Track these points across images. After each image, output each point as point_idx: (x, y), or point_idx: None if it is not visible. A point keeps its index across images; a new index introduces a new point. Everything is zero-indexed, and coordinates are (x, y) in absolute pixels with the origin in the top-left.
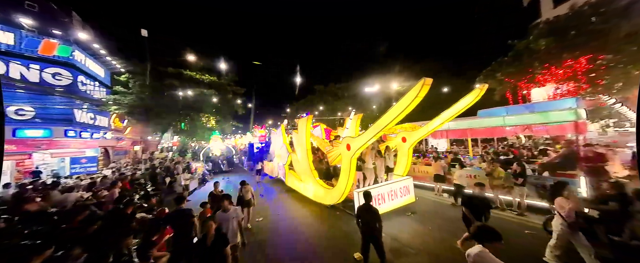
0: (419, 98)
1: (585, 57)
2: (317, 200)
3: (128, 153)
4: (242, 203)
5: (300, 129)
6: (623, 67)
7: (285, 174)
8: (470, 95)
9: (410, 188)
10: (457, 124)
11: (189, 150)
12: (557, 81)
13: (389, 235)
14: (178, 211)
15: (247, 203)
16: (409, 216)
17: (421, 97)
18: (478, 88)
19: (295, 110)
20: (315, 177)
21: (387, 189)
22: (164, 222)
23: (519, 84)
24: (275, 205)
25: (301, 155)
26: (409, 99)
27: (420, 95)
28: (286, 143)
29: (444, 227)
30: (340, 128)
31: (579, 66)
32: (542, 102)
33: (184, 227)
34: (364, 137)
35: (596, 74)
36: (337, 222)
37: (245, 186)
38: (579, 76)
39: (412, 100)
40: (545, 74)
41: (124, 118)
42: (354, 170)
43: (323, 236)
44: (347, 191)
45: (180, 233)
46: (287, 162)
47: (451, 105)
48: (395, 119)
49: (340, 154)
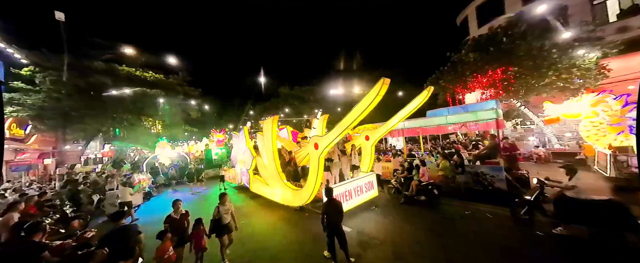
0: (379, 96)
1: (500, 68)
2: (286, 204)
3: (33, 170)
4: (218, 228)
5: (266, 131)
6: (524, 77)
7: (249, 180)
8: (420, 97)
9: (374, 183)
10: (411, 123)
11: (127, 160)
12: (482, 87)
13: (356, 229)
14: (117, 229)
15: (226, 229)
16: (373, 210)
17: (381, 96)
18: (426, 90)
19: (259, 113)
20: (283, 180)
21: (354, 185)
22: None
23: (456, 89)
24: (239, 213)
25: (267, 158)
26: (370, 97)
27: (381, 93)
28: (250, 147)
29: (404, 218)
30: (308, 129)
31: (496, 76)
32: (473, 103)
33: (124, 247)
34: (330, 136)
35: (508, 82)
36: (306, 223)
37: (224, 204)
38: (497, 83)
39: (374, 99)
40: (474, 81)
41: (27, 123)
42: (322, 169)
43: (291, 239)
44: (315, 190)
45: (118, 256)
46: (252, 167)
47: (406, 106)
48: (359, 117)
49: (308, 154)
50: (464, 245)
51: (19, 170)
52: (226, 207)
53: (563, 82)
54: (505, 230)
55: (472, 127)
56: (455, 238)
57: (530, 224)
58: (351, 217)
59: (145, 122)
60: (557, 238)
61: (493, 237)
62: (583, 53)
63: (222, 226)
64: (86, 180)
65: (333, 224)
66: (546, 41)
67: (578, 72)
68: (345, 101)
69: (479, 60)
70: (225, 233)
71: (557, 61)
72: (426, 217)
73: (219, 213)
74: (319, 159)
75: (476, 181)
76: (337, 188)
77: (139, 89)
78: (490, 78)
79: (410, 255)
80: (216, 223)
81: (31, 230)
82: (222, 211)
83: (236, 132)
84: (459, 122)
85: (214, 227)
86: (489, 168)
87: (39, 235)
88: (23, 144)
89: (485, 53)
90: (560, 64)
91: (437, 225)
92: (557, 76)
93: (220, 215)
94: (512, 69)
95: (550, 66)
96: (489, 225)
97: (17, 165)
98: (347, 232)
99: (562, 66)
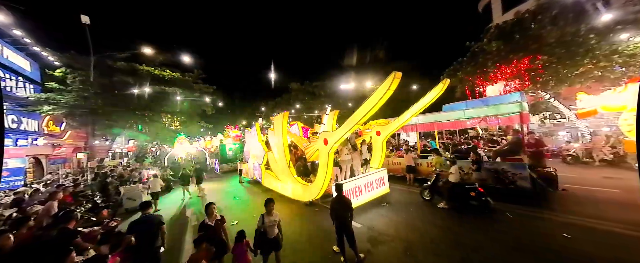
0: (390, 91)
1: (526, 57)
2: (296, 198)
3: (68, 163)
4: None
5: (277, 127)
6: (554, 66)
7: (261, 175)
8: (435, 89)
9: (385, 179)
10: (426, 118)
11: (149, 155)
12: (506, 78)
13: (366, 225)
14: (143, 218)
15: (273, 245)
16: (384, 207)
17: (392, 90)
18: (441, 83)
19: (271, 109)
20: (294, 175)
21: (364, 181)
22: (129, 231)
23: (476, 81)
24: (251, 207)
25: (278, 153)
26: (381, 92)
27: (392, 88)
28: (262, 142)
29: (416, 215)
30: (318, 125)
31: (522, 65)
32: (494, 96)
33: (148, 234)
34: (340, 131)
35: (535, 73)
36: (316, 217)
37: (270, 214)
38: (522, 74)
39: (384, 93)
40: (497, 72)
41: (62, 120)
42: (332, 165)
43: (302, 232)
44: (325, 186)
45: (144, 242)
46: (263, 162)
47: (419, 101)
48: (369, 112)
49: (318, 149)
50: (478, 244)
51: (57, 163)
52: (272, 218)
53: (601, 71)
54: (526, 231)
55: (493, 122)
56: (471, 237)
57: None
58: (361, 213)
59: (165, 119)
60: (442, 210)
61: (509, 237)
62: (627, 37)
63: (269, 240)
64: (113, 173)
65: (341, 221)
66: (582, 25)
67: (620, 59)
68: (356, 96)
69: (502, 49)
70: (272, 251)
71: (594, 47)
72: (439, 215)
73: (264, 224)
74: (328, 155)
75: (495, 179)
76: (347, 184)
77: (157, 87)
78: (515, 68)
79: (422, 251)
80: (261, 237)
81: (65, 219)
82: (267, 222)
83: (248, 128)
84: (478, 116)
85: (259, 241)
86: (511, 166)
87: (72, 223)
88: (59, 140)
89: (511, 41)
90: (599, 50)
91: (450, 223)
92: (594, 64)
93: (265, 227)
94: (540, 57)
95: (586, 53)
96: (510, 226)
97: (55, 159)
98: (357, 228)
99: (600, 53)
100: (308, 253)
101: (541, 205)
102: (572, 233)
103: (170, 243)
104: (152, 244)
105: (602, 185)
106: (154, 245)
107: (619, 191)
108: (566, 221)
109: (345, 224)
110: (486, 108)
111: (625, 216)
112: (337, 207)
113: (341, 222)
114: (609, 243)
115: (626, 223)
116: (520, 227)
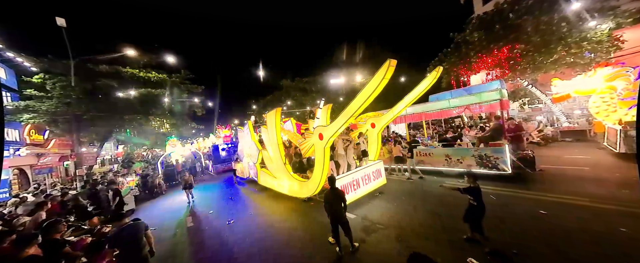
0: (386, 79)
1: (506, 47)
2: (294, 195)
3: (54, 171)
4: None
5: (270, 124)
6: (531, 54)
7: (257, 173)
8: (428, 78)
9: (381, 171)
10: (414, 109)
11: (137, 159)
12: (488, 68)
13: (360, 215)
14: (122, 228)
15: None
16: (377, 196)
17: (388, 79)
18: (435, 71)
19: (262, 107)
20: (289, 172)
21: (361, 174)
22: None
23: (460, 71)
24: (248, 205)
25: (273, 150)
26: (376, 81)
27: (387, 76)
28: (255, 140)
29: (407, 202)
30: (311, 120)
31: (502, 55)
32: (477, 85)
33: (132, 244)
34: (335, 125)
35: (514, 61)
36: (312, 212)
37: None
38: (502, 63)
39: (380, 82)
40: (479, 62)
41: (45, 128)
42: (328, 160)
43: (299, 227)
44: (322, 181)
45: (127, 252)
46: (258, 160)
47: (411, 91)
48: (366, 103)
49: (313, 145)
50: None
51: (42, 172)
52: None
53: (572, 57)
54: (508, 210)
55: (476, 110)
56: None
57: None
58: (357, 204)
59: (153, 122)
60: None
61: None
62: (595, 25)
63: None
64: (103, 179)
65: (335, 212)
66: (555, 14)
67: (589, 46)
68: (347, 89)
69: (483, 39)
70: None
71: (566, 35)
72: (429, 201)
73: None
74: (324, 150)
75: (480, 163)
76: (344, 178)
77: (143, 90)
78: (496, 57)
79: (413, 237)
80: None
81: (49, 230)
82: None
83: (241, 127)
84: (462, 105)
85: None
86: (493, 150)
87: (57, 234)
88: (43, 149)
89: (491, 31)
90: (570, 37)
91: (438, 209)
92: (566, 51)
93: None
94: (518, 46)
95: (558, 41)
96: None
97: (40, 168)
98: (351, 219)
99: (571, 40)
100: (304, 244)
101: (521, 185)
102: (548, 209)
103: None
104: (138, 253)
105: (575, 164)
106: (140, 254)
107: (588, 168)
108: (544, 199)
109: (339, 215)
110: (469, 96)
111: (593, 191)
112: (331, 199)
113: (335, 214)
114: (580, 216)
115: (593, 197)
116: (502, 207)
